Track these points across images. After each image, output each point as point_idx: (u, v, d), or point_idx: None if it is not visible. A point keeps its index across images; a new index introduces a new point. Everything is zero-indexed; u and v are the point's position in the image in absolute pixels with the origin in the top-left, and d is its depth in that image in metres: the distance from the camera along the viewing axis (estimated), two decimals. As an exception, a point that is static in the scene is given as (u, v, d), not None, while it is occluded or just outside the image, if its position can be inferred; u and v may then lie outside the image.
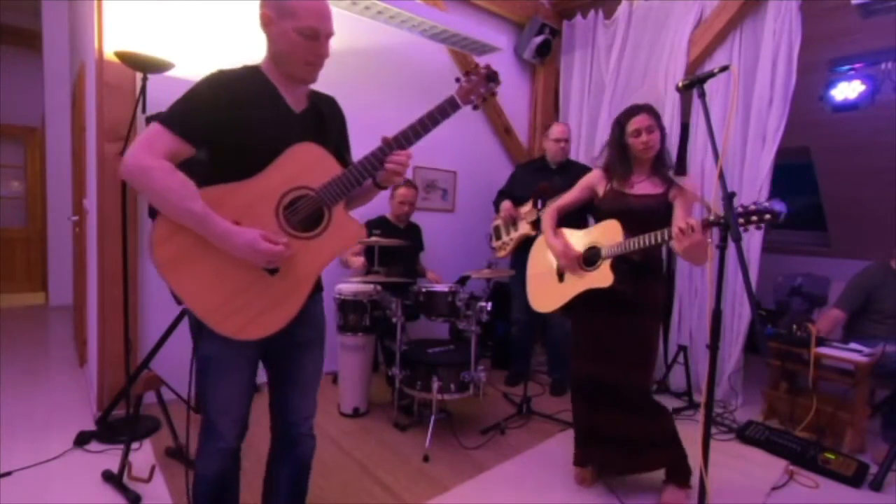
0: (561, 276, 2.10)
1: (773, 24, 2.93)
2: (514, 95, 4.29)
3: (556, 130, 3.23)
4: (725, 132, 1.67)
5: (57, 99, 4.88)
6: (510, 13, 3.96)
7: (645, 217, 1.88)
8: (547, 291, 2.16)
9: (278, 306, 1.22)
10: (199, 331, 1.24)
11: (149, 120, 2.30)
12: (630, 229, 1.84)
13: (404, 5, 2.96)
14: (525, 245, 3.19)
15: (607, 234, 1.91)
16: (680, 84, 1.55)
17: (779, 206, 1.35)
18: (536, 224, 3.11)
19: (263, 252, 1.13)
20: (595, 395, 2.03)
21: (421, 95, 3.61)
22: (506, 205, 3.27)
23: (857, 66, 3.38)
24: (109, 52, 2.38)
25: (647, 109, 1.96)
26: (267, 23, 1.20)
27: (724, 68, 1.43)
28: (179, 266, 1.16)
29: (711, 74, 1.46)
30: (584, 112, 3.98)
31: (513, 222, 3.28)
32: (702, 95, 1.48)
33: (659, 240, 1.71)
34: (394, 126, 1.44)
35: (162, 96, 2.48)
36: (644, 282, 1.93)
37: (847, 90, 3.38)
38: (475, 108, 1.40)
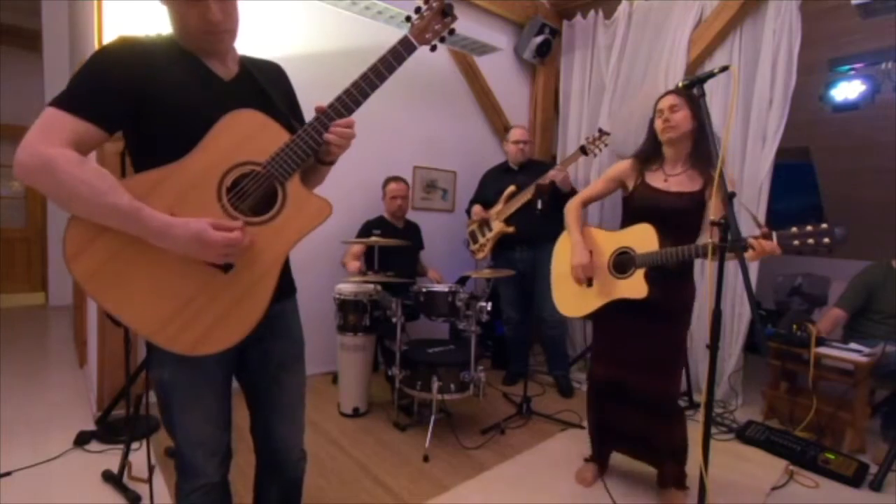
0: (590, 281, 1.98)
1: (773, 24, 2.92)
2: (514, 95, 4.29)
3: (515, 133, 3.33)
4: (725, 132, 1.66)
5: (57, 99, 4.87)
6: (510, 13, 3.96)
7: (676, 218, 1.79)
8: (575, 295, 2.04)
9: (240, 308, 1.01)
10: (150, 352, 1.07)
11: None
12: (659, 229, 1.77)
13: (404, 5, 2.96)
14: (502, 244, 3.24)
15: (641, 239, 1.81)
16: (680, 84, 1.55)
17: (839, 232, 1.30)
18: (509, 221, 3.18)
19: (215, 244, 0.92)
20: (616, 400, 1.98)
21: (421, 95, 3.62)
22: (476, 209, 3.40)
23: (857, 66, 3.38)
24: (109, 52, 2.38)
25: (678, 91, 1.81)
26: None
27: (724, 68, 1.43)
28: (107, 279, 0.93)
29: (711, 74, 1.46)
30: (584, 112, 3.97)
31: (486, 223, 3.35)
32: (702, 95, 1.48)
33: (699, 254, 1.61)
34: (393, 125, 1.43)
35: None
36: (674, 286, 1.84)
37: (847, 90, 3.37)
38: (433, 48, 1.19)
